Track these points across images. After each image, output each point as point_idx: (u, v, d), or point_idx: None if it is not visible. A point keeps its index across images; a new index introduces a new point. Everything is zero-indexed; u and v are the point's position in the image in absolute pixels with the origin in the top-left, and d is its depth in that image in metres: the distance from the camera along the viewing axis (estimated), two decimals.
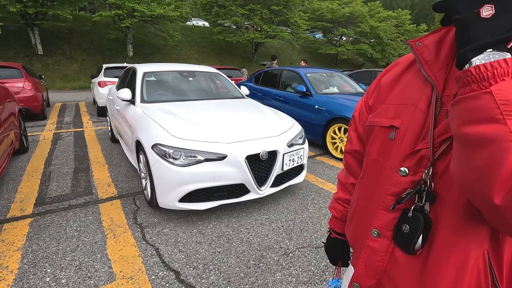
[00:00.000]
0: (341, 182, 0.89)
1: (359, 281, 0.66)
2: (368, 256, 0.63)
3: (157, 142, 2.40)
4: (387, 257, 0.59)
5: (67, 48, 16.00)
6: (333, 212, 0.90)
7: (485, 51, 0.40)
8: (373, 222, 0.62)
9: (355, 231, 0.70)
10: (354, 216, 0.71)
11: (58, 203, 2.78)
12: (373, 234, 0.62)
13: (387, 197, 0.59)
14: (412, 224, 0.53)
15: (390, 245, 0.59)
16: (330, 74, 5.57)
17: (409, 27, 25.63)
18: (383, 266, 0.60)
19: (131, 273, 1.87)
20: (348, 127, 0.81)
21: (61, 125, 6.09)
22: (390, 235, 0.59)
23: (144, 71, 3.67)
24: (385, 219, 0.59)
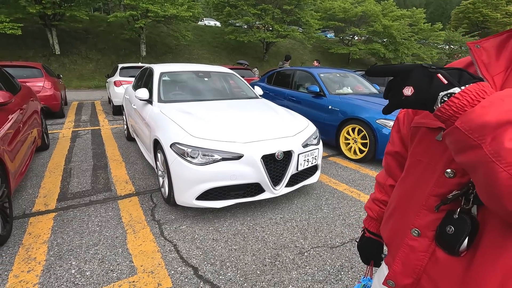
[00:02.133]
0: (379, 183, 0.90)
1: (394, 278, 0.66)
2: (407, 255, 0.63)
3: (176, 141, 2.46)
4: (427, 257, 0.60)
5: (83, 48, 16.40)
6: (369, 212, 0.91)
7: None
8: (414, 222, 0.62)
9: (393, 230, 0.71)
10: (393, 216, 0.72)
11: (79, 198, 2.88)
12: (413, 233, 0.62)
13: (431, 198, 0.60)
14: (457, 226, 0.54)
15: (431, 245, 0.59)
16: (344, 74, 5.55)
17: (424, 26, 25.11)
18: (422, 265, 0.61)
19: (151, 268, 1.94)
20: (391, 129, 0.83)
21: (78, 123, 6.28)
22: (431, 235, 0.59)
23: (161, 71, 3.75)
24: (428, 219, 0.60)
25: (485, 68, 0.57)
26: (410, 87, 0.50)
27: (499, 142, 0.40)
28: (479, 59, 0.59)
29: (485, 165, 0.42)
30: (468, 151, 0.45)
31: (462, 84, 0.47)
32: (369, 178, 3.63)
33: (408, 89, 0.50)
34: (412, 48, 24.09)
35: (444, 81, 0.48)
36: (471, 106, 0.44)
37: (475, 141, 0.43)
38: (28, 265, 1.92)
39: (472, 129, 0.43)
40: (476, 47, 0.60)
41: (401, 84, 0.52)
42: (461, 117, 0.45)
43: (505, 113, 0.41)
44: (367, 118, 3.97)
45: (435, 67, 0.51)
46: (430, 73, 0.50)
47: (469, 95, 0.45)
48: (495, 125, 0.41)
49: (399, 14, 23.72)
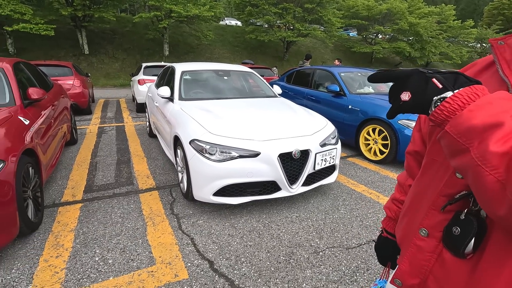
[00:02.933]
0: (399, 183, 0.90)
1: (401, 277, 0.66)
2: (414, 254, 0.63)
3: (195, 137, 2.52)
4: (434, 257, 0.60)
5: (109, 48, 17.10)
6: (388, 212, 0.91)
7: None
8: (423, 222, 0.62)
9: (405, 229, 0.71)
10: (406, 215, 0.72)
11: (104, 191, 3.03)
12: (421, 233, 0.62)
13: (440, 198, 0.59)
14: (463, 227, 0.53)
15: (439, 246, 0.59)
16: (365, 74, 5.42)
17: (453, 24, 23.94)
18: (429, 266, 0.60)
19: (169, 259, 2.01)
20: (413, 128, 0.83)
21: (104, 120, 6.57)
22: (439, 236, 0.59)
23: (182, 70, 3.85)
24: (436, 219, 0.60)
25: (507, 65, 0.56)
26: (407, 92, 0.52)
27: (484, 145, 0.41)
28: (501, 56, 0.58)
29: (473, 169, 0.42)
30: (458, 155, 0.46)
31: (456, 87, 0.47)
32: (389, 180, 3.54)
33: (406, 94, 0.52)
34: (440, 46, 23.04)
35: (439, 85, 0.49)
36: (462, 110, 0.45)
37: (463, 145, 0.43)
38: (56, 251, 2.06)
39: (460, 133, 0.44)
40: (500, 44, 0.59)
41: (399, 89, 0.54)
42: (450, 121, 0.46)
43: (491, 116, 0.41)
44: (389, 119, 3.85)
45: (432, 71, 0.52)
46: (426, 78, 0.51)
47: (460, 99, 0.45)
48: (482, 129, 0.41)
49: (427, 11, 22.75)
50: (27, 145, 2.22)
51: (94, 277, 1.83)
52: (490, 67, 0.63)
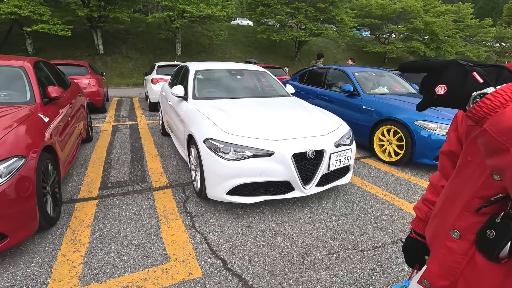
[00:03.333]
0: (432, 183, 0.88)
1: (430, 279, 0.65)
2: (444, 256, 0.62)
3: (209, 136, 2.53)
4: (465, 260, 0.58)
5: (123, 47, 17.42)
6: (418, 213, 0.90)
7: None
8: (455, 223, 0.61)
9: (435, 230, 0.70)
10: (437, 216, 0.71)
11: (118, 188, 3.07)
12: (453, 235, 0.61)
13: (475, 200, 0.57)
14: (499, 230, 0.51)
15: (471, 249, 0.57)
16: (380, 74, 5.33)
17: (471, 22, 23.28)
18: (460, 268, 0.59)
19: (183, 257, 2.02)
20: (449, 127, 0.81)
21: (118, 118, 6.68)
22: (472, 239, 0.57)
23: (196, 69, 3.87)
24: (469, 221, 0.58)
25: None
26: (443, 85, 0.49)
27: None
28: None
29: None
30: (496, 155, 0.44)
31: (499, 83, 0.44)
32: (404, 182, 3.46)
33: (441, 87, 0.49)
34: (457, 46, 22.46)
35: (480, 80, 0.46)
36: (504, 108, 0.42)
37: (503, 144, 0.41)
38: (74, 245, 2.10)
39: (500, 132, 0.41)
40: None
41: (434, 82, 0.51)
42: (490, 119, 0.43)
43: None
44: (404, 119, 3.78)
45: (473, 63, 0.49)
46: (465, 71, 0.48)
47: (502, 96, 0.42)
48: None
49: (443, 9, 22.21)
50: (47, 141, 2.27)
51: (110, 272, 1.85)
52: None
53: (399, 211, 2.78)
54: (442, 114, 3.72)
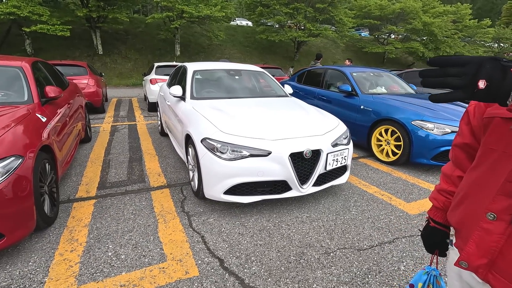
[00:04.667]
0: (445, 174, 0.93)
1: (468, 259, 0.69)
2: (482, 237, 0.66)
3: (206, 136, 2.54)
4: (503, 239, 0.63)
5: (122, 48, 17.43)
6: (435, 203, 0.95)
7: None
8: (490, 206, 0.65)
9: (464, 215, 0.75)
10: (463, 202, 0.76)
11: (116, 188, 3.08)
12: (489, 217, 0.65)
13: (508, 184, 0.62)
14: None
15: (508, 228, 0.62)
16: (378, 74, 5.34)
17: (469, 23, 23.35)
18: (498, 247, 0.64)
19: (180, 256, 2.03)
20: (460, 121, 0.86)
21: (117, 119, 6.69)
22: (508, 219, 0.62)
23: (194, 69, 3.88)
24: (505, 204, 0.63)
25: None
26: (483, 80, 0.51)
27: None
28: None
29: None
30: None
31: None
32: (401, 182, 3.47)
33: (482, 82, 0.51)
34: (455, 46, 22.52)
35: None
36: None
37: None
38: (71, 245, 2.10)
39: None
40: None
41: (473, 77, 0.52)
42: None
43: None
44: (402, 119, 3.79)
45: (507, 60, 0.52)
46: (503, 67, 0.51)
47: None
48: None
49: (442, 10, 22.29)
50: (44, 141, 2.28)
51: (107, 271, 1.86)
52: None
53: (396, 210, 2.79)
54: (439, 114, 3.74)
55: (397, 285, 1.83)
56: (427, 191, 3.25)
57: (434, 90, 6.34)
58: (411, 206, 2.88)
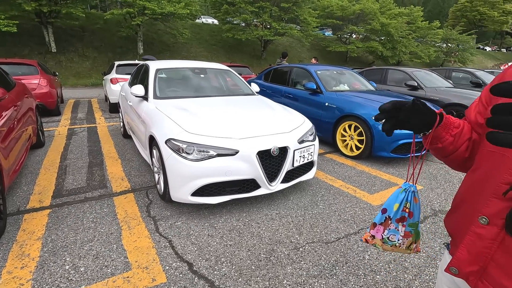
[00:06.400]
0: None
1: (458, 265, 0.66)
2: (473, 242, 0.63)
3: (171, 137, 2.45)
4: (495, 245, 0.59)
5: (79, 45, 16.30)
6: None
7: None
8: (482, 210, 0.62)
9: (459, 220, 0.71)
10: (460, 207, 0.72)
11: (74, 195, 2.87)
12: (481, 221, 0.62)
13: (502, 186, 0.58)
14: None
15: (500, 233, 0.58)
16: (341, 72, 5.54)
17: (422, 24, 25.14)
18: (490, 253, 0.60)
19: (146, 263, 1.93)
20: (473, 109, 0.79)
21: (75, 121, 6.24)
22: (500, 224, 0.58)
23: (156, 68, 3.73)
24: (497, 207, 0.59)
25: None
26: None
27: None
28: None
29: None
30: None
31: None
32: (365, 175, 3.64)
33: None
34: (410, 46, 24.11)
35: None
36: None
37: None
38: (21, 261, 1.91)
39: None
40: None
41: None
42: None
43: None
44: (363, 115, 3.97)
45: None
46: None
47: None
48: None
49: (397, 12, 23.73)
50: None
51: (64, 286, 1.72)
52: None
53: (361, 202, 2.92)
54: None
55: (362, 274, 1.91)
56: (388, 183, 3.43)
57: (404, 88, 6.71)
58: (374, 198, 3.03)
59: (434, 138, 0.77)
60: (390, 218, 0.86)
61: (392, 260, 2.06)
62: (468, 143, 0.77)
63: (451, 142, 0.76)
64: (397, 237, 0.88)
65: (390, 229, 0.88)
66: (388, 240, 0.89)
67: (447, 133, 0.76)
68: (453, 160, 0.81)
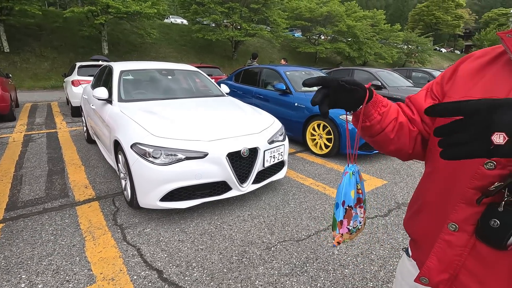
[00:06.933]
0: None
1: (429, 275, 0.64)
2: (443, 250, 0.61)
3: (136, 141, 2.36)
4: (466, 252, 0.58)
5: (36, 45, 15.19)
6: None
7: None
8: (451, 216, 0.60)
9: (424, 225, 0.69)
10: (423, 211, 0.70)
11: (31, 207, 2.67)
12: (450, 228, 0.60)
13: (469, 191, 0.57)
14: (503, 219, 0.51)
15: (471, 239, 0.57)
16: (309, 72, 5.68)
17: (384, 27, 26.52)
18: (461, 260, 0.59)
19: (112, 274, 1.85)
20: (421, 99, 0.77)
21: (32, 127, 5.81)
22: (471, 230, 0.57)
23: (121, 69, 3.58)
24: (466, 213, 0.58)
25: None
26: (501, 133, 0.39)
27: None
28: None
29: None
30: None
31: None
32: (334, 172, 3.76)
33: (499, 135, 0.39)
34: (374, 47, 25.31)
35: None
36: None
37: None
38: None
39: None
40: (508, 37, 0.60)
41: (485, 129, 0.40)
42: None
43: None
44: (331, 114, 4.10)
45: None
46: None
47: None
48: None
49: (362, 14, 24.82)
50: None
51: None
52: (500, 57, 0.63)
53: (330, 199, 3.01)
54: None
55: (332, 269, 1.97)
56: None
57: None
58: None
59: (363, 116, 0.73)
60: (350, 207, 0.84)
61: (359, 254, 2.14)
62: (395, 123, 0.74)
63: (378, 121, 0.73)
64: (358, 220, 0.86)
65: (353, 217, 0.85)
66: (353, 228, 0.86)
67: (375, 111, 0.73)
68: (379, 142, 0.78)
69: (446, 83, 0.71)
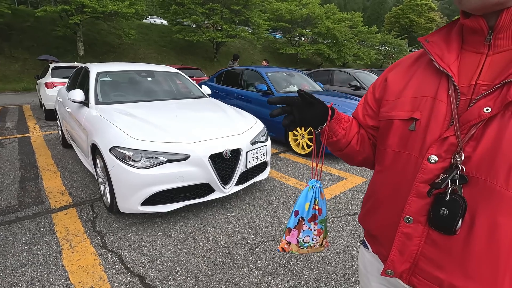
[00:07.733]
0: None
1: (393, 267, 0.68)
2: (403, 242, 0.65)
3: (115, 144, 2.30)
4: (422, 241, 0.62)
5: (5, 46, 14.43)
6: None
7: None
8: (405, 210, 0.64)
9: (382, 221, 0.73)
10: (380, 208, 0.73)
11: (2, 216, 2.53)
12: (407, 221, 0.64)
13: (419, 185, 0.61)
14: (451, 207, 0.56)
15: (425, 229, 0.62)
16: (290, 73, 5.75)
17: (362, 29, 27.26)
18: (419, 249, 0.63)
19: (91, 283, 1.79)
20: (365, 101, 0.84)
21: (1, 131, 5.51)
22: (424, 220, 0.62)
23: (97, 71, 3.47)
24: (418, 205, 0.62)
25: (440, 59, 0.63)
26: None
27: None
28: (433, 51, 0.65)
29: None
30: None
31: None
32: None
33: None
34: (353, 49, 25.98)
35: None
36: None
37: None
38: None
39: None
40: (427, 42, 0.67)
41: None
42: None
43: None
44: None
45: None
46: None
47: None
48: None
49: (340, 17, 25.37)
50: None
51: None
52: (420, 59, 0.71)
53: None
54: (342, 109, 4.25)
55: (315, 266, 2.01)
56: (337, 177, 3.66)
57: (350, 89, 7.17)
58: (324, 192, 3.20)
59: (329, 132, 0.79)
60: (303, 219, 0.84)
61: (341, 250, 2.19)
62: (358, 136, 0.82)
63: (343, 135, 0.80)
64: (311, 237, 0.87)
65: (304, 230, 0.86)
66: (304, 243, 0.87)
67: (339, 127, 0.80)
68: (348, 155, 0.85)
69: (377, 92, 0.79)
